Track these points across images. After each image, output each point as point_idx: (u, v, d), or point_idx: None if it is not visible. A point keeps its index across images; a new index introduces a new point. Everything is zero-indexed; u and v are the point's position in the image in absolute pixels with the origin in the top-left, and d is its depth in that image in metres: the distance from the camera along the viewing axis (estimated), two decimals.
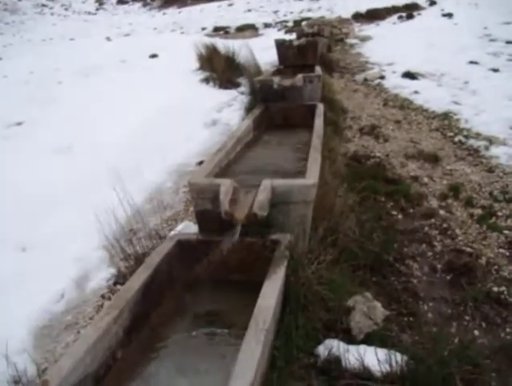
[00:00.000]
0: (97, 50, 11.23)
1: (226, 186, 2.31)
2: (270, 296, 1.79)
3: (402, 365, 1.69)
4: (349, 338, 1.97)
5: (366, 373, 1.73)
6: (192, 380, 1.74)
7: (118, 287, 2.60)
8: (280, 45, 6.74)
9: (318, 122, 3.66)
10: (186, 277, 2.30)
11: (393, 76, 7.46)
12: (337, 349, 1.83)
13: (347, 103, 6.12)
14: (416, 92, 6.37)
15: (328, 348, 1.85)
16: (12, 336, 2.12)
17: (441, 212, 3.31)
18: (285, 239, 2.19)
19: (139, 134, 4.64)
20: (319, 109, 4.07)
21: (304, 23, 14.21)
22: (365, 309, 2.06)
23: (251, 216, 2.18)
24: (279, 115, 4.41)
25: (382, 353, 1.75)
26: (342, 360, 1.79)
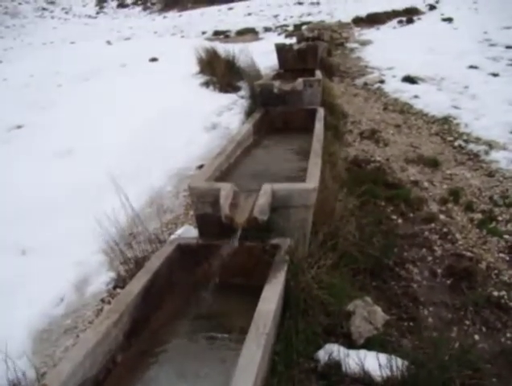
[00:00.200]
0: (98, 53, 11.27)
1: (226, 190, 2.31)
2: (271, 300, 1.78)
3: (402, 370, 1.69)
4: (349, 342, 1.97)
5: (367, 378, 1.73)
6: (193, 385, 1.73)
7: (118, 291, 2.60)
8: (280, 49, 6.76)
9: (318, 126, 3.66)
10: (186, 282, 2.30)
11: (393, 81, 7.46)
12: (337, 354, 1.83)
13: (347, 107, 6.12)
14: (416, 97, 6.37)
15: (329, 353, 1.85)
16: (11, 340, 2.11)
17: (441, 217, 3.31)
18: (285, 243, 2.18)
19: (139, 138, 4.64)
20: (319, 113, 4.07)
21: (304, 27, 14.25)
22: (365, 313, 2.06)
23: (251, 220, 2.18)
24: (279, 119, 4.42)
25: (383, 358, 1.75)
26: (342, 365, 1.79)
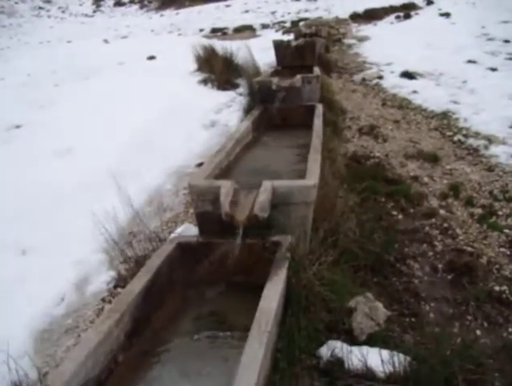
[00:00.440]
0: (95, 52, 11.22)
1: (226, 187, 2.30)
2: (272, 298, 1.78)
3: (405, 365, 1.69)
4: (351, 339, 1.97)
5: (369, 374, 1.73)
6: (195, 384, 1.73)
7: (119, 290, 2.60)
8: (278, 46, 6.72)
9: (317, 123, 3.65)
10: (187, 280, 2.29)
11: (391, 76, 7.44)
12: (340, 350, 1.82)
13: (346, 103, 6.11)
14: (415, 92, 6.36)
15: (331, 349, 1.85)
16: (12, 340, 2.11)
17: (441, 212, 3.31)
18: (286, 240, 2.18)
19: (138, 136, 4.63)
20: (318, 110, 4.06)
21: (302, 24, 14.17)
22: (367, 309, 2.06)
23: (252, 218, 2.18)
24: (278, 116, 4.40)
25: (385, 354, 1.74)
26: (345, 361, 1.79)
